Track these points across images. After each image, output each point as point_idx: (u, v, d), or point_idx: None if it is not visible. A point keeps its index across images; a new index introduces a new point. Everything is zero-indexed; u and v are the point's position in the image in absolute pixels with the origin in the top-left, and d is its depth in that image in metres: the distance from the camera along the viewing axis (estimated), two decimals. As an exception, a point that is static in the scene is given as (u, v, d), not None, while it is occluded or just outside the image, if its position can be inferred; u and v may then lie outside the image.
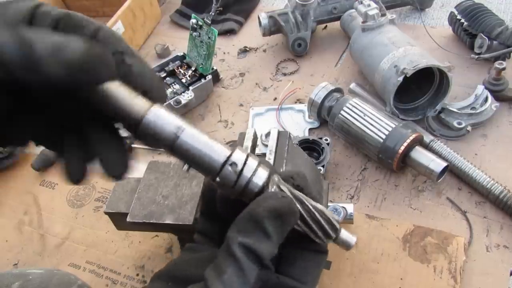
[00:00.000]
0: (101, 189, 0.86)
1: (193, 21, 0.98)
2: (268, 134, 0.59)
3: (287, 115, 0.94)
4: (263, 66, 1.08)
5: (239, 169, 0.27)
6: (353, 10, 0.99)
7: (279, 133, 0.59)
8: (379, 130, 0.75)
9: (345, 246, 0.29)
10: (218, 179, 0.27)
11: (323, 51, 1.08)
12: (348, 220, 0.63)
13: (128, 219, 0.60)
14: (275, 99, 0.98)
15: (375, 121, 0.77)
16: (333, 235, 0.28)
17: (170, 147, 0.26)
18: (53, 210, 0.84)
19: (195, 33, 0.99)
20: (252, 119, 0.94)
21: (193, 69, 1.01)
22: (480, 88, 0.85)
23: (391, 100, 0.81)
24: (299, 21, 1.03)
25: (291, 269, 0.28)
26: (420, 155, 0.73)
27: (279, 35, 1.11)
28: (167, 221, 0.59)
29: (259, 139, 0.59)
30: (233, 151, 0.27)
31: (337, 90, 0.86)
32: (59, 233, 0.80)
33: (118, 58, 0.28)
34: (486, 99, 0.83)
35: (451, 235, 0.68)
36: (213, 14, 0.97)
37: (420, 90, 0.86)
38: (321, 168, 0.77)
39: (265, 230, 0.25)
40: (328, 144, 0.80)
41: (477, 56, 0.92)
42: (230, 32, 1.18)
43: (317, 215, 0.27)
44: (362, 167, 0.82)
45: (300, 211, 0.27)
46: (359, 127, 0.78)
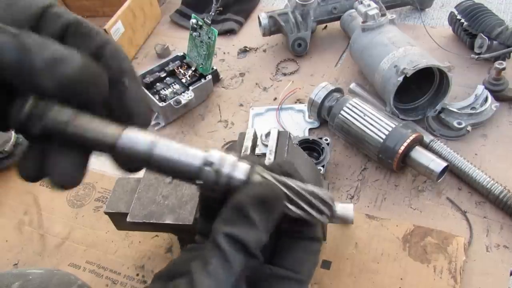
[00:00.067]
0: (101, 189, 0.86)
1: (193, 21, 0.98)
2: (268, 134, 0.59)
3: (287, 115, 0.94)
4: (263, 66, 1.08)
5: (217, 167, 0.26)
6: (353, 10, 0.99)
7: (279, 133, 0.59)
8: (379, 130, 0.76)
9: (344, 221, 0.28)
10: (199, 182, 0.27)
11: (323, 51, 1.08)
12: (348, 220, 0.62)
13: (128, 219, 0.60)
14: (275, 99, 0.98)
15: (375, 121, 0.77)
16: (328, 212, 0.27)
17: (147, 163, 0.27)
18: (53, 210, 0.84)
19: (195, 33, 0.99)
20: (252, 119, 0.94)
21: (193, 69, 1.00)
22: (480, 88, 0.85)
23: (391, 100, 0.81)
24: (299, 21, 1.03)
25: (284, 260, 0.28)
26: (420, 155, 0.73)
27: (279, 35, 1.11)
28: (167, 221, 0.59)
29: (259, 139, 0.59)
30: (208, 151, 0.27)
31: (337, 90, 0.86)
32: (59, 233, 0.80)
33: (118, 77, 0.28)
34: (486, 99, 0.83)
35: (451, 235, 0.68)
36: (213, 14, 0.97)
37: (420, 90, 0.86)
38: (321, 168, 0.77)
39: (249, 218, 0.25)
40: (328, 144, 0.80)
41: (477, 56, 0.92)
42: (230, 32, 1.18)
43: (308, 196, 0.27)
44: (362, 167, 0.82)
45: (288, 195, 0.27)
46: (359, 127, 0.78)
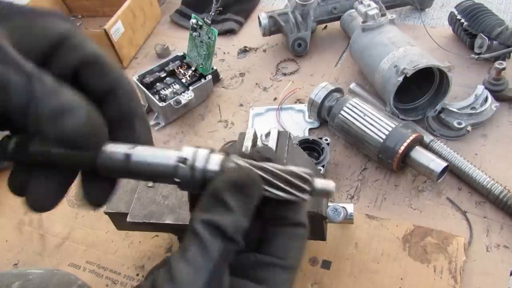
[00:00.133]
0: (101, 189, 0.86)
1: (193, 21, 0.98)
2: (268, 134, 0.59)
3: (287, 115, 0.94)
4: (263, 66, 1.08)
5: (191, 163, 0.26)
6: (353, 10, 0.99)
7: (279, 133, 0.59)
8: (379, 130, 0.76)
9: (325, 194, 0.28)
10: (177, 180, 0.27)
11: (323, 51, 1.08)
12: (348, 220, 0.62)
13: (128, 219, 0.60)
14: (275, 99, 0.98)
15: (375, 121, 0.77)
16: (308, 187, 0.27)
17: (128, 173, 0.27)
18: (53, 210, 0.84)
19: (195, 33, 0.99)
20: (252, 119, 0.94)
21: (193, 69, 1.00)
22: (480, 88, 0.85)
23: (391, 100, 0.81)
24: (299, 21, 1.03)
25: (269, 247, 0.27)
26: (420, 155, 0.73)
27: (279, 35, 1.11)
28: (167, 221, 0.59)
29: (259, 139, 0.59)
30: (181, 149, 0.27)
31: (337, 90, 0.86)
32: (59, 233, 0.80)
33: (127, 118, 0.29)
34: (486, 99, 0.83)
35: (451, 235, 0.68)
36: (213, 14, 0.97)
37: (420, 90, 0.86)
38: (321, 168, 0.77)
39: (225, 203, 0.25)
40: (328, 144, 0.80)
41: (477, 56, 0.92)
42: (230, 32, 1.18)
43: (285, 175, 0.27)
44: (362, 167, 0.82)
45: (266, 178, 0.27)
46: (359, 127, 0.78)
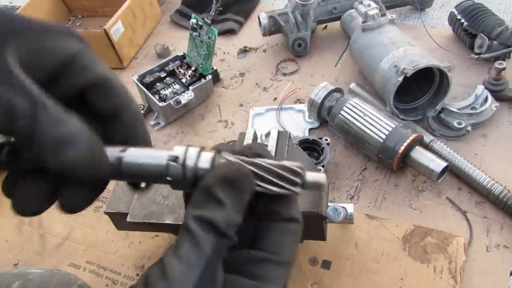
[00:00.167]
0: (101, 189, 0.86)
1: (193, 21, 0.98)
2: (268, 134, 0.59)
3: (287, 115, 0.94)
4: (263, 66, 1.08)
5: (182, 161, 0.27)
6: (353, 10, 0.99)
7: (279, 133, 0.59)
8: (379, 130, 0.76)
9: (317, 187, 0.28)
10: (169, 178, 0.27)
11: (323, 51, 1.08)
12: (348, 220, 0.62)
13: (128, 219, 0.60)
14: (275, 99, 0.98)
15: (375, 121, 0.77)
16: (299, 180, 0.27)
17: (119, 174, 0.27)
18: (53, 210, 0.84)
19: (195, 33, 0.99)
20: (252, 119, 0.94)
21: (193, 69, 1.00)
22: (480, 88, 0.85)
23: (391, 100, 0.81)
24: (299, 21, 1.03)
25: (262, 243, 0.27)
26: (420, 155, 0.73)
27: (279, 35, 1.11)
28: (167, 221, 0.59)
29: (259, 139, 0.59)
30: (172, 149, 0.27)
31: (337, 90, 0.86)
32: (59, 233, 0.80)
33: (132, 142, 0.29)
34: (486, 99, 0.83)
35: (451, 235, 0.68)
36: (213, 14, 0.97)
37: (420, 90, 0.86)
38: (321, 168, 0.77)
39: (216, 198, 0.25)
40: (328, 144, 0.80)
41: (477, 56, 0.92)
42: (230, 32, 1.18)
43: (275, 169, 0.27)
44: (362, 167, 0.82)
45: (257, 173, 0.27)
46: (359, 127, 0.78)
